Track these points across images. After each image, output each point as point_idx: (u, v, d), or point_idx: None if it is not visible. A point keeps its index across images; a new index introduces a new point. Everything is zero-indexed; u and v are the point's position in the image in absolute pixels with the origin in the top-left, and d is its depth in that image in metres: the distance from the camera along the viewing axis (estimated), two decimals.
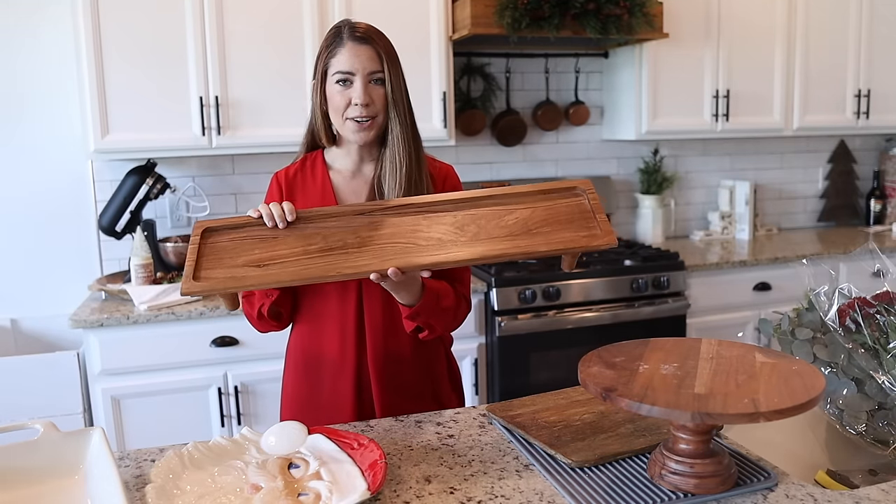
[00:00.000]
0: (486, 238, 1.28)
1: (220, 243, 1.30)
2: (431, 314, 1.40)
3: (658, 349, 1.17)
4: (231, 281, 1.26)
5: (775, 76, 3.32)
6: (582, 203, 1.32)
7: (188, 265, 1.28)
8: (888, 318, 1.22)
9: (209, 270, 1.28)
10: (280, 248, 1.30)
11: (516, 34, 2.73)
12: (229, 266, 1.28)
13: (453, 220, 1.30)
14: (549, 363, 2.74)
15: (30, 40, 2.73)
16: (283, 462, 1.13)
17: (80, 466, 1.12)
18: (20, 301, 2.81)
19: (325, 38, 1.45)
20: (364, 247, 1.29)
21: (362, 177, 1.51)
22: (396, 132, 1.43)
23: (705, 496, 1.02)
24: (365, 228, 1.30)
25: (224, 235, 1.31)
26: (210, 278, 1.27)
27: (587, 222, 1.30)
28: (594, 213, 1.30)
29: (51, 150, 2.79)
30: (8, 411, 2.33)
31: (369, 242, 1.29)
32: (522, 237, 1.28)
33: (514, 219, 1.30)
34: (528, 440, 1.22)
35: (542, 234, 1.28)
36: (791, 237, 3.59)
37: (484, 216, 1.30)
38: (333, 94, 1.42)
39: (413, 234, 1.29)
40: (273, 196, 1.51)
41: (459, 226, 1.29)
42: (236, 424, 2.48)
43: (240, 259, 1.29)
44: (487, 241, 1.27)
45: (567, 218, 1.30)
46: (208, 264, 1.29)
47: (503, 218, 1.30)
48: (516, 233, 1.28)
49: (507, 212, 1.31)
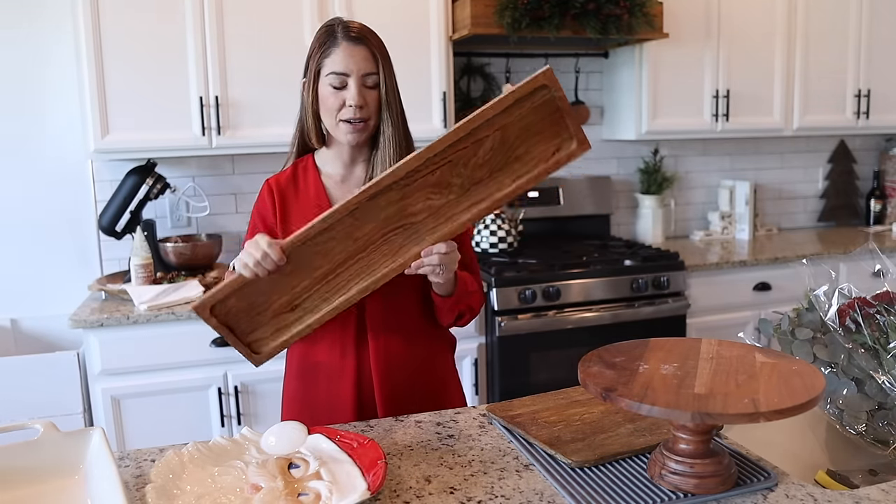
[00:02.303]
0: (472, 187, 1.26)
1: (234, 308, 1.30)
2: (466, 296, 1.46)
3: (658, 349, 1.17)
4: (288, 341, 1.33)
5: (775, 76, 3.32)
6: (549, 100, 1.25)
7: (238, 348, 1.31)
8: (888, 318, 1.22)
9: (254, 334, 1.31)
10: (293, 283, 1.29)
11: (516, 34, 2.73)
12: (265, 324, 1.31)
13: (433, 178, 1.26)
14: (549, 363, 2.74)
15: (30, 40, 2.73)
16: (283, 462, 1.13)
17: (80, 466, 1.12)
18: (20, 301, 2.81)
19: (317, 36, 1.43)
20: (369, 247, 1.28)
21: (354, 179, 1.50)
22: (388, 134, 1.43)
23: (705, 496, 1.02)
24: (356, 229, 1.28)
25: (231, 300, 1.30)
26: (266, 344, 1.32)
27: (558, 125, 1.26)
28: (564, 115, 1.25)
29: (51, 150, 2.79)
30: (8, 411, 2.33)
31: (371, 242, 1.28)
32: (505, 171, 1.27)
33: (490, 148, 1.25)
34: (528, 440, 1.22)
35: (519, 157, 1.26)
36: (791, 237, 3.59)
37: (460, 160, 1.25)
38: (326, 95, 1.40)
39: (403, 212, 1.28)
40: (265, 203, 1.49)
41: (442, 183, 1.26)
42: (236, 424, 2.48)
43: (268, 311, 1.30)
44: (475, 190, 1.26)
45: (538, 126, 1.25)
46: (246, 329, 1.31)
47: (478, 154, 1.25)
48: (496, 167, 1.26)
49: (479, 144, 1.25)
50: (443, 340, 1.59)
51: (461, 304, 1.46)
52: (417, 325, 1.51)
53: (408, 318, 1.49)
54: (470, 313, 1.51)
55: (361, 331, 1.47)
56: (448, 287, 1.41)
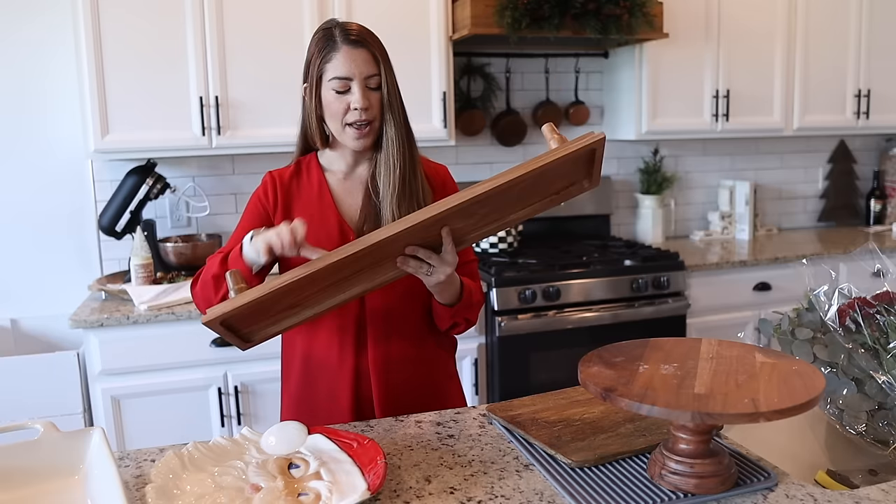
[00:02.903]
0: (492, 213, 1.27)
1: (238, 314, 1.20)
2: (467, 309, 1.46)
3: (658, 349, 1.17)
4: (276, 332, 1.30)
5: (775, 76, 3.32)
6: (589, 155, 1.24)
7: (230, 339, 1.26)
8: (888, 318, 1.22)
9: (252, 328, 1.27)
10: (305, 294, 1.26)
11: (516, 34, 2.73)
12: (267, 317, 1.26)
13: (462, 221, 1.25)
14: (549, 363, 2.74)
15: (30, 40, 2.73)
16: (283, 462, 1.13)
17: (80, 466, 1.12)
18: (20, 301, 2.81)
19: (316, 40, 1.42)
20: (384, 260, 1.25)
21: (356, 177, 1.51)
22: (391, 134, 1.42)
23: (705, 496, 1.02)
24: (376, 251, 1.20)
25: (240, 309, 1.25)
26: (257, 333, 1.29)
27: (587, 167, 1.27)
28: (595, 165, 1.27)
29: (51, 150, 2.79)
30: (8, 411, 2.33)
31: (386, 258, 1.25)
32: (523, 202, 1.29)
33: (524, 188, 1.23)
34: (528, 440, 1.22)
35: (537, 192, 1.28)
36: (791, 237, 3.59)
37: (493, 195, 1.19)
38: (331, 101, 1.40)
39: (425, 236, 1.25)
40: (268, 192, 1.48)
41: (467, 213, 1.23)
42: (236, 424, 2.48)
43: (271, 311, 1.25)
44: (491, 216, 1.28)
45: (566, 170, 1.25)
46: (246, 326, 1.26)
47: (513, 191, 1.22)
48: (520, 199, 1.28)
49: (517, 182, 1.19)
50: (443, 341, 1.59)
51: (458, 315, 1.46)
52: (418, 325, 1.51)
53: (408, 318, 1.49)
54: (465, 325, 1.51)
55: (361, 330, 1.47)
56: (447, 297, 1.41)
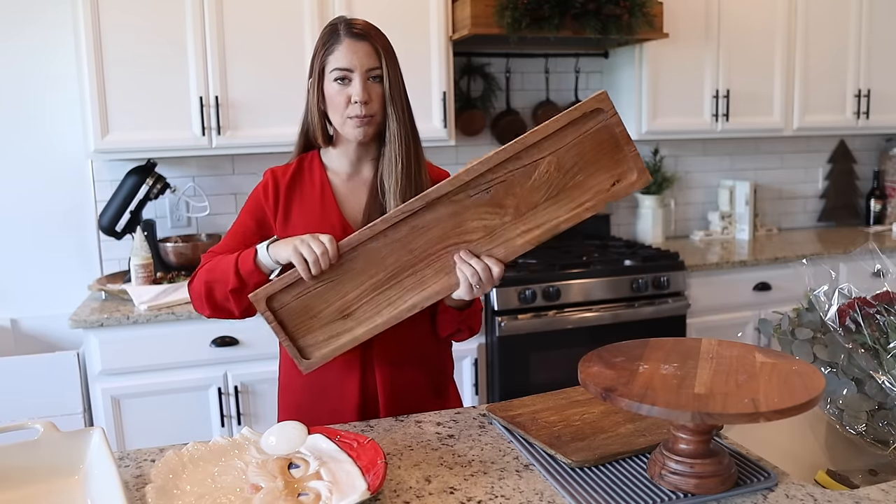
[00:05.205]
0: (527, 211, 1.25)
1: (288, 306, 1.30)
2: (473, 316, 1.46)
3: (658, 349, 1.17)
4: (338, 349, 1.32)
5: (775, 76, 3.32)
6: (605, 126, 1.23)
7: (289, 348, 1.32)
8: (888, 318, 1.22)
9: (306, 338, 1.32)
10: (347, 288, 1.30)
11: (516, 34, 2.73)
12: (318, 329, 1.32)
13: (488, 197, 1.26)
14: (549, 363, 2.74)
15: (31, 41, 2.73)
16: (283, 462, 1.13)
17: (80, 466, 1.12)
18: (20, 301, 2.81)
19: (322, 35, 1.43)
20: (423, 261, 1.28)
21: (360, 177, 1.49)
22: (394, 129, 1.42)
23: (705, 496, 1.02)
24: (412, 240, 1.28)
25: (286, 294, 1.30)
26: (318, 350, 1.32)
27: (616, 154, 1.23)
28: (622, 144, 1.23)
29: (51, 150, 2.79)
30: (8, 411, 2.33)
31: (426, 255, 1.28)
32: (562, 198, 1.25)
33: (545, 172, 1.24)
34: (528, 440, 1.22)
35: (577, 185, 1.24)
36: (791, 237, 3.59)
37: (515, 181, 1.24)
38: (333, 94, 1.40)
39: (459, 228, 1.27)
40: (268, 191, 1.48)
41: (497, 203, 1.25)
42: (236, 424, 2.48)
43: (323, 315, 1.31)
44: (532, 215, 1.26)
45: (595, 154, 1.23)
46: (301, 332, 1.32)
47: (533, 176, 1.24)
48: (552, 193, 1.25)
49: (534, 166, 1.24)
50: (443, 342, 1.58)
51: (464, 322, 1.46)
52: (425, 328, 1.51)
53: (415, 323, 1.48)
54: (468, 332, 1.50)
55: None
56: (460, 301, 1.39)
